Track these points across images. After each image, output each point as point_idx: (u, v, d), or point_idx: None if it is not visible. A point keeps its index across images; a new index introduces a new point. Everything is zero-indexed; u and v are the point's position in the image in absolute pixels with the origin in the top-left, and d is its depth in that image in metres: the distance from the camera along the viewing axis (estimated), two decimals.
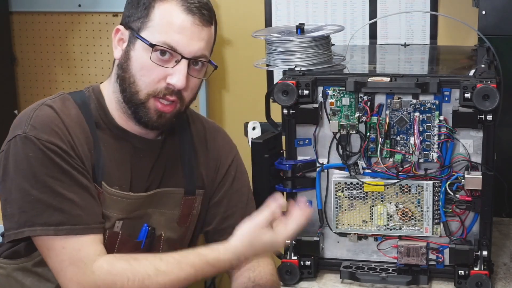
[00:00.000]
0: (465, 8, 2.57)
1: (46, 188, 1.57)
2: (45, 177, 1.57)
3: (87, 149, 1.64)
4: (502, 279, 1.87)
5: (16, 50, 3.16)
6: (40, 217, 1.57)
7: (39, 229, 1.57)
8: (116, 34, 1.70)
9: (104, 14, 3.04)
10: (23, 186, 1.57)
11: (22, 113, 1.66)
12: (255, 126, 2.00)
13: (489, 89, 1.70)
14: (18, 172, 1.58)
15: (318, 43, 1.94)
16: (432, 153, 1.78)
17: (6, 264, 1.73)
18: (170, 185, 1.76)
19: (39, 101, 1.68)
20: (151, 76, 1.65)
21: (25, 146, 1.58)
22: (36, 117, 1.62)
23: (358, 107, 1.80)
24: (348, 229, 1.87)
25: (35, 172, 1.57)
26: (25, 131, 1.59)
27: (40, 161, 1.58)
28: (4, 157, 1.61)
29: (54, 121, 1.62)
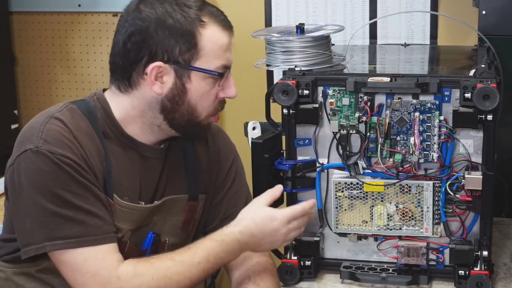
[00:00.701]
0: (465, 8, 2.57)
1: (63, 202, 1.56)
2: (61, 191, 1.56)
3: (99, 162, 1.63)
4: (502, 279, 1.87)
5: (16, 50, 3.16)
6: (60, 230, 1.55)
7: (61, 242, 1.55)
8: (153, 71, 1.62)
9: (104, 14, 3.04)
10: (39, 201, 1.55)
11: (29, 126, 1.62)
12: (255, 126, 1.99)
13: (489, 89, 1.70)
14: (33, 187, 1.56)
15: (318, 43, 1.94)
16: (432, 153, 1.78)
17: (6, 267, 1.71)
18: (175, 192, 1.77)
19: (45, 113, 1.65)
20: (210, 100, 1.67)
21: (38, 161, 1.56)
22: (48, 130, 1.59)
23: (358, 107, 1.80)
24: (348, 229, 1.87)
25: (51, 186, 1.55)
26: (37, 145, 1.57)
27: (55, 175, 1.56)
28: (16, 172, 1.58)
29: (66, 135, 1.60)
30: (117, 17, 2.99)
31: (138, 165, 1.71)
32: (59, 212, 1.55)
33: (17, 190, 1.58)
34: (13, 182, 1.59)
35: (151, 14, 1.62)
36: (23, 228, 1.58)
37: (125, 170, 1.68)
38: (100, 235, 1.58)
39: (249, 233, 1.65)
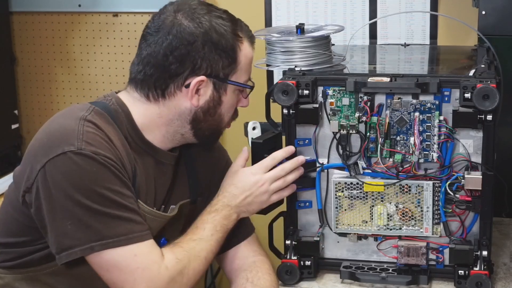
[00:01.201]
0: (465, 8, 2.57)
1: (109, 201, 1.56)
2: (105, 191, 1.55)
3: (130, 167, 1.64)
4: (502, 279, 1.87)
5: (16, 50, 3.16)
6: (108, 229, 1.55)
7: (111, 241, 1.55)
8: (196, 85, 1.66)
9: (104, 14, 3.04)
10: (84, 202, 1.54)
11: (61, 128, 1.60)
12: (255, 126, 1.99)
13: (489, 89, 1.70)
14: (75, 188, 1.54)
15: (318, 43, 1.94)
16: (432, 153, 1.78)
17: (5, 273, 1.69)
18: (181, 197, 1.80)
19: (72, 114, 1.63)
20: (233, 110, 1.77)
21: (82, 162, 1.54)
22: (87, 133, 1.58)
23: (358, 107, 1.80)
24: (348, 229, 1.87)
25: (95, 186, 1.55)
26: (80, 147, 1.55)
27: (100, 175, 1.55)
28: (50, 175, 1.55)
29: (104, 138, 1.61)
30: (117, 17, 3.01)
31: (154, 171, 1.72)
32: (105, 211, 1.55)
33: (53, 193, 1.55)
34: (46, 185, 1.56)
35: (197, 29, 1.64)
36: (63, 231, 1.55)
37: (144, 176, 1.69)
38: (145, 231, 1.60)
39: (232, 195, 1.75)
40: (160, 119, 1.69)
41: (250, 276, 1.80)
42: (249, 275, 1.80)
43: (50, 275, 1.67)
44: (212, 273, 3.02)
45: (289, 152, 1.82)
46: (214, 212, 1.73)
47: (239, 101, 1.77)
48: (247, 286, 1.78)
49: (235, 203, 1.75)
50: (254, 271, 1.81)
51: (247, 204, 1.77)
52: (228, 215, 1.74)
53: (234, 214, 1.75)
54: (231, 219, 1.75)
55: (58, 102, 3.16)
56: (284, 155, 1.81)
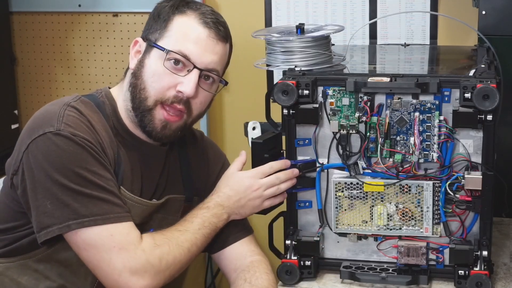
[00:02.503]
0: (465, 8, 2.57)
1: (87, 181, 1.58)
2: (83, 171, 1.58)
3: (112, 153, 1.67)
4: (502, 279, 1.87)
5: (16, 50, 3.16)
6: (85, 208, 1.57)
7: (86, 220, 1.57)
8: (134, 46, 1.76)
9: (104, 14, 3.04)
10: (62, 181, 1.57)
11: (45, 112, 1.66)
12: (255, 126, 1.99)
13: (489, 89, 1.70)
14: (54, 167, 1.57)
15: (318, 43, 1.94)
16: (432, 153, 1.78)
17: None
18: (174, 192, 1.80)
19: (58, 102, 1.69)
20: (161, 83, 1.69)
21: (60, 142, 1.58)
22: (68, 116, 1.63)
23: (358, 107, 1.80)
24: (348, 229, 1.87)
25: (73, 166, 1.57)
26: (59, 128, 1.60)
27: (78, 156, 1.59)
28: (32, 155, 1.60)
29: (85, 122, 1.65)
30: (117, 17, 3.01)
31: (140, 162, 1.74)
32: (83, 191, 1.57)
33: (35, 173, 1.59)
34: (29, 165, 1.60)
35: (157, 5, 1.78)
36: (43, 210, 1.59)
37: (129, 166, 1.70)
38: (123, 212, 1.62)
39: (226, 196, 1.77)
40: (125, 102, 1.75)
41: (248, 276, 1.80)
42: (247, 275, 1.80)
43: (39, 261, 1.69)
44: (212, 273, 3.02)
45: (286, 166, 1.83)
46: (205, 209, 1.75)
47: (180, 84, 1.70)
48: (245, 286, 1.78)
49: (228, 204, 1.77)
50: (252, 271, 1.81)
51: (240, 207, 1.79)
52: (219, 214, 1.76)
53: (225, 214, 1.77)
54: (221, 219, 1.76)
55: None
56: (281, 167, 1.83)
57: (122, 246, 1.58)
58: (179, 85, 1.70)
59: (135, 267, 1.59)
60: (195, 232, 1.70)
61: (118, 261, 1.58)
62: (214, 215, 1.75)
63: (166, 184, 1.81)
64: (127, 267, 1.58)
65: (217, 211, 1.76)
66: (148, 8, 2.93)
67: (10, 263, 1.71)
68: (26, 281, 1.71)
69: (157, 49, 1.70)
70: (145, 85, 1.71)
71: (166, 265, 1.63)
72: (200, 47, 1.71)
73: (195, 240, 1.70)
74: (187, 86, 1.70)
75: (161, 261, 1.62)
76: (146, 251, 1.61)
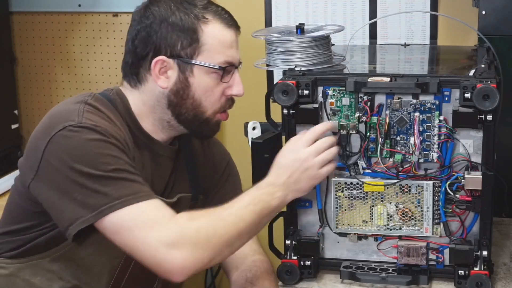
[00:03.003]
0: (465, 8, 2.57)
1: (113, 167, 1.57)
2: (108, 158, 1.57)
3: (129, 149, 1.66)
4: (502, 279, 1.87)
5: (16, 50, 3.16)
6: (115, 191, 1.55)
7: (118, 202, 1.54)
8: (156, 65, 1.69)
9: (104, 14, 3.04)
10: (88, 171, 1.55)
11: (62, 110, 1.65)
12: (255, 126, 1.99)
13: (489, 89, 1.70)
14: (78, 159, 1.56)
15: (318, 43, 1.94)
16: (432, 153, 1.78)
17: (9, 263, 1.72)
18: (182, 190, 1.80)
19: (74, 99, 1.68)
20: (216, 95, 1.72)
21: (82, 133, 1.57)
22: (87, 112, 1.63)
23: (358, 107, 1.80)
24: (348, 229, 1.87)
25: (97, 154, 1.57)
26: (80, 121, 1.59)
27: (101, 144, 1.58)
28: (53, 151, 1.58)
29: (105, 118, 1.65)
30: (117, 17, 3.01)
31: (150, 161, 1.74)
32: (110, 175, 1.56)
33: (59, 168, 1.57)
34: (51, 162, 1.58)
35: (156, 11, 1.69)
36: (71, 203, 1.57)
37: (141, 164, 1.70)
38: (150, 192, 1.60)
39: (276, 174, 1.70)
40: (144, 106, 1.73)
41: (249, 276, 1.80)
42: (248, 275, 1.80)
43: (53, 261, 1.68)
44: (212, 273, 3.02)
45: (329, 128, 1.77)
46: (255, 189, 1.68)
47: (228, 89, 1.74)
48: (246, 286, 1.78)
49: (279, 182, 1.69)
50: (253, 271, 1.81)
51: (294, 182, 1.70)
52: (271, 193, 1.67)
53: (278, 192, 1.68)
54: (275, 197, 1.67)
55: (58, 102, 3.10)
56: (324, 129, 1.76)
57: (155, 221, 1.54)
58: (228, 90, 1.74)
59: (170, 240, 1.52)
60: (241, 208, 1.62)
61: (152, 236, 1.53)
62: (265, 193, 1.66)
63: (174, 182, 1.81)
64: (163, 241, 1.52)
65: (268, 190, 1.67)
66: None
67: (22, 263, 1.70)
68: (39, 282, 1.70)
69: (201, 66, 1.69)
70: (199, 102, 1.71)
71: (205, 237, 1.55)
72: (234, 48, 1.74)
73: (241, 216, 1.61)
74: (239, 88, 1.75)
75: (198, 233, 1.55)
76: (180, 223, 1.55)
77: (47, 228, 1.67)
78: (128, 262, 1.72)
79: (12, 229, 1.72)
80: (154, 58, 1.68)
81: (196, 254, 1.53)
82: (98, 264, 1.68)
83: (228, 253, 1.61)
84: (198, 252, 1.53)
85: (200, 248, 1.54)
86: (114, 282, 1.73)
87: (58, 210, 1.60)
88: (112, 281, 1.71)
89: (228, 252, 1.61)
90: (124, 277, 1.74)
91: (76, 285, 1.70)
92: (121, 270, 1.73)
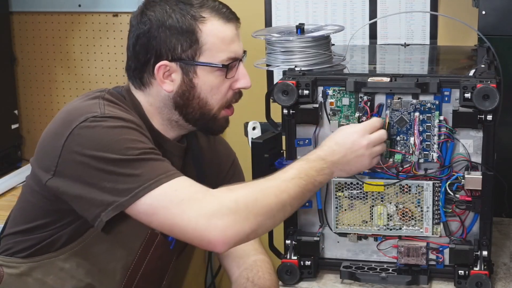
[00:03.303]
0: (465, 8, 2.57)
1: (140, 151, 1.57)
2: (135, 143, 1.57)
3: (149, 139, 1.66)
4: (502, 279, 1.87)
5: (16, 50, 3.16)
6: (147, 172, 1.54)
7: (152, 182, 1.53)
8: (159, 70, 1.69)
9: (104, 14, 3.04)
10: (115, 157, 1.55)
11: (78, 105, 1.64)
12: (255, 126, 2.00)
13: (489, 89, 1.70)
14: (104, 147, 1.55)
15: (318, 43, 1.94)
16: (432, 153, 1.78)
17: (20, 263, 1.71)
18: None
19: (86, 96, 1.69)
20: (222, 92, 1.72)
21: (106, 122, 1.58)
22: (108, 105, 1.63)
23: (358, 107, 1.80)
24: (348, 229, 1.87)
25: (124, 140, 1.56)
26: (104, 112, 1.60)
27: (126, 130, 1.58)
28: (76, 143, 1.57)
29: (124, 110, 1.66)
30: (117, 17, 3.01)
31: None
32: (139, 158, 1.56)
33: (79, 160, 1.56)
34: (70, 156, 1.57)
35: (152, 16, 1.68)
36: (100, 192, 1.55)
37: None
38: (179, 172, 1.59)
39: (331, 150, 1.67)
40: (152, 107, 1.74)
41: (250, 275, 1.80)
42: (250, 274, 1.80)
43: (66, 260, 1.68)
44: (212, 273, 3.02)
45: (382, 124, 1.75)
46: (304, 161, 1.65)
47: (235, 82, 1.73)
48: (248, 285, 1.78)
49: (331, 159, 1.66)
50: (255, 270, 1.81)
51: (346, 163, 1.67)
52: (319, 168, 1.64)
53: (327, 169, 1.65)
54: (323, 173, 1.64)
55: (58, 102, 3.16)
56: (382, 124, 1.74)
57: (190, 196, 1.53)
58: (234, 84, 1.73)
59: (209, 211, 1.50)
60: (286, 180, 1.58)
61: (190, 210, 1.51)
62: (313, 167, 1.63)
63: None
64: (201, 214, 1.50)
65: (317, 164, 1.63)
66: None
67: (34, 263, 1.70)
68: (52, 281, 1.69)
69: (205, 66, 1.68)
70: (206, 100, 1.71)
71: (245, 207, 1.51)
72: (235, 41, 1.73)
73: (285, 188, 1.57)
74: (246, 81, 1.73)
75: (237, 203, 1.52)
76: (217, 195, 1.54)
77: (62, 226, 1.67)
78: (142, 259, 1.72)
79: (25, 228, 1.71)
80: (156, 64, 1.68)
81: (237, 223, 1.51)
82: (112, 261, 1.68)
83: (270, 225, 1.58)
84: (239, 222, 1.51)
85: (241, 217, 1.51)
86: (127, 280, 1.73)
87: (86, 201, 1.57)
88: (125, 280, 1.71)
89: (270, 224, 1.58)
90: (137, 276, 1.74)
91: (89, 284, 1.70)
92: (134, 268, 1.73)
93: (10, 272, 1.71)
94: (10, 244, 1.74)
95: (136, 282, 1.75)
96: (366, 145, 1.68)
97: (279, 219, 1.59)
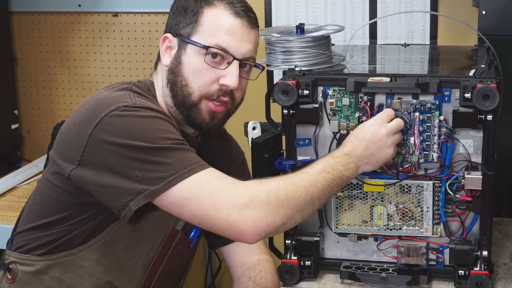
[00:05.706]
0: (465, 8, 2.57)
1: (172, 141, 1.56)
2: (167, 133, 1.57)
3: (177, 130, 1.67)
4: (502, 279, 1.87)
5: (16, 50, 3.16)
6: (180, 162, 1.54)
7: (185, 171, 1.53)
8: (164, 42, 1.74)
9: (104, 14, 3.04)
10: (146, 146, 1.54)
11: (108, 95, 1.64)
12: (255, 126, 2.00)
13: (489, 89, 1.70)
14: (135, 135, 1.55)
15: (318, 43, 1.94)
16: (432, 153, 1.78)
17: (37, 260, 1.69)
18: None
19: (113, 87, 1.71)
20: (204, 78, 1.70)
21: (138, 112, 1.58)
22: (137, 96, 1.65)
23: (358, 107, 1.80)
24: (348, 229, 1.87)
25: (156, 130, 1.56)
26: (135, 102, 1.60)
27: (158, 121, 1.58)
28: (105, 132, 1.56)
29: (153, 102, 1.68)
30: (117, 17, 3.01)
31: None
32: (171, 147, 1.55)
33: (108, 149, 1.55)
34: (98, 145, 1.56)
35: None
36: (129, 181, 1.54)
37: None
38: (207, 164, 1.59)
39: (352, 145, 1.70)
40: (159, 89, 1.75)
41: (253, 275, 1.80)
42: (252, 274, 1.80)
43: (85, 257, 1.66)
44: (212, 273, 3.02)
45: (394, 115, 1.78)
46: (329, 157, 1.68)
47: (222, 77, 1.70)
48: (249, 284, 1.78)
49: (355, 153, 1.69)
50: (257, 270, 1.81)
51: (369, 155, 1.70)
52: (345, 163, 1.67)
53: (352, 164, 1.68)
54: (348, 168, 1.67)
55: (58, 102, 3.16)
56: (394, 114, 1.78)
57: (222, 187, 1.52)
58: (221, 79, 1.70)
59: (241, 202, 1.50)
60: (314, 174, 1.60)
61: (222, 202, 1.51)
62: (339, 163, 1.65)
63: None
64: (233, 205, 1.50)
65: (343, 160, 1.66)
66: (148, 8, 2.97)
67: (51, 260, 1.68)
68: (70, 279, 1.67)
69: (193, 45, 1.69)
70: (187, 81, 1.70)
71: (276, 200, 1.52)
72: (236, 38, 1.71)
73: (314, 182, 1.58)
74: (231, 79, 1.70)
75: (269, 195, 1.52)
76: (249, 186, 1.54)
77: (82, 221, 1.64)
78: (162, 255, 1.71)
79: (42, 223, 1.68)
80: None
81: (268, 215, 1.51)
82: (133, 258, 1.67)
83: (299, 218, 1.59)
84: (270, 214, 1.51)
85: (272, 209, 1.52)
86: (147, 278, 1.71)
87: (114, 190, 1.55)
88: (144, 277, 1.71)
89: (299, 217, 1.58)
90: (156, 273, 1.73)
91: (108, 282, 1.68)
92: (155, 264, 1.72)
93: (25, 269, 1.69)
94: (25, 241, 1.71)
95: (156, 280, 1.73)
96: (386, 133, 1.72)
97: (307, 212, 1.60)
